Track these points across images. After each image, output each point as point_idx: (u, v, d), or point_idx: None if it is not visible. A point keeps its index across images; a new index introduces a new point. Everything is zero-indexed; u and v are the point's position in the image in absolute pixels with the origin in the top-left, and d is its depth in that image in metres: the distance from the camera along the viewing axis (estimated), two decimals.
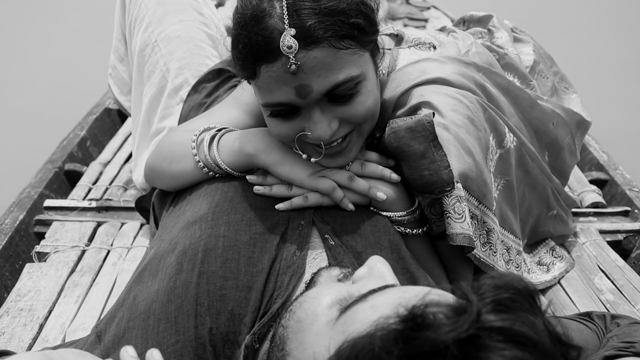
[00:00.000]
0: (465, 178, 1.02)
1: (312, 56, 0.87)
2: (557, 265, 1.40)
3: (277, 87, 0.90)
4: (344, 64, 0.90)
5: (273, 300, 0.88)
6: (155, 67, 1.49)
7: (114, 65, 1.70)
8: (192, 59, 1.50)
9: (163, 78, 1.48)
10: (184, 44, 1.51)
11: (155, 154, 1.21)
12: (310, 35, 0.86)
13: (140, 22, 1.52)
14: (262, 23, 0.88)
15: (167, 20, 1.51)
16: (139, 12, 1.53)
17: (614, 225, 1.63)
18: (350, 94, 0.94)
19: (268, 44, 0.87)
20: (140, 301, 0.91)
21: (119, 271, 1.43)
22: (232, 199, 1.03)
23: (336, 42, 0.88)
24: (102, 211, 1.70)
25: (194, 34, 1.53)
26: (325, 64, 0.88)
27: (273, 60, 0.88)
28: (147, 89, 1.51)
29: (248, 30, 0.89)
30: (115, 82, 1.71)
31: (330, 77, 0.90)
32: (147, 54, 1.50)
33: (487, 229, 1.10)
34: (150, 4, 1.51)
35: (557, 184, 1.34)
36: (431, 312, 0.49)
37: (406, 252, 1.02)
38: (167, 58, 1.48)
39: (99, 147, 2.17)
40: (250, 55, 0.90)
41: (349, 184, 1.02)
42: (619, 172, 1.85)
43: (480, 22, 1.47)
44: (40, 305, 1.30)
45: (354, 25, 0.90)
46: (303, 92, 0.90)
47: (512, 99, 1.22)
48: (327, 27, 0.86)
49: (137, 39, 1.52)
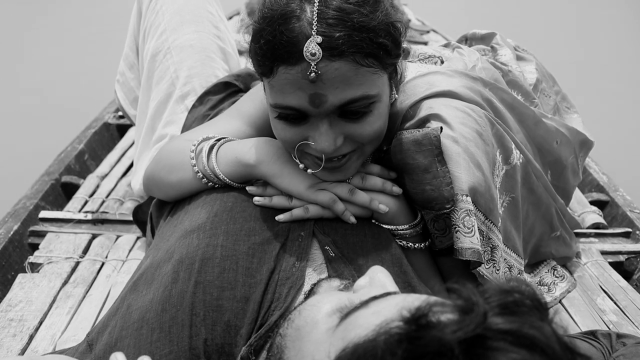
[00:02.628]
0: (475, 192, 1.00)
1: (334, 67, 0.85)
2: (558, 286, 1.38)
3: (292, 91, 0.88)
4: (364, 81, 0.89)
5: (271, 312, 0.86)
6: (166, 73, 1.49)
7: (123, 72, 1.70)
8: (202, 69, 1.50)
9: (172, 84, 1.48)
10: (196, 54, 1.51)
11: (154, 163, 1.20)
12: (336, 46, 0.84)
13: (155, 29, 1.53)
14: (289, 24, 0.85)
15: (182, 29, 1.52)
16: (155, 19, 1.54)
17: (615, 247, 1.62)
18: (362, 112, 0.92)
19: (292, 46, 0.85)
20: (134, 310, 0.89)
21: (113, 283, 1.40)
22: (232, 209, 1.01)
23: (360, 59, 0.86)
24: (98, 224, 1.68)
25: (207, 45, 1.54)
26: (345, 78, 0.87)
27: (294, 63, 0.86)
28: (154, 94, 1.51)
29: (274, 27, 0.86)
30: (121, 88, 1.71)
31: (347, 91, 0.88)
32: (159, 60, 1.50)
33: (491, 245, 1.08)
34: (167, 12, 1.53)
35: (561, 204, 1.32)
36: (436, 312, 0.47)
37: (408, 266, 1.00)
38: (177, 65, 1.48)
39: (97, 160, 2.16)
40: (271, 53, 0.88)
41: (349, 197, 1.00)
42: (620, 194, 1.85)
43: (483, 39, 1.48)
44: (31, 316, 1.27)
45: (381, 45, 0.88)
46: (317, 101, 0.88)
47: (517, 116, 1.21)
48: (355, 42, 0.85)
49: (151, 45, 1.52)
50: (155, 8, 1.54)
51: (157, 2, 1.56)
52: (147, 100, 1.54)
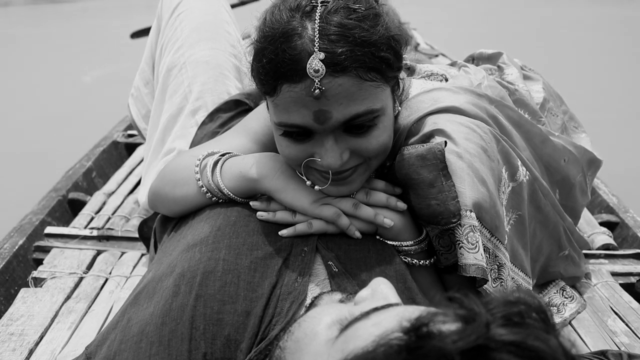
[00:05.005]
0: (479, 208, 0.99)
1: (338, 83, 0.85)
2: (568, 306, 1.35)
3: (296, 109, 0.88)
4: (367, 95, 0.88)
5: (272, 326, 0.85)
6: (179, 87, 1.51)
7: (138, 86, 1.72)
8: (215, 86, 1.51)
9: (184, 99, 1.49)
10: (211, 70, 1.52)
11: (160, 178, 1.20)
12: (339, 62, 0.84)
13: (172, 44, 1.55)
14: (291, 41, 0.86)
15: (199, 46, 1.54)
16: (173, 35, 1.56)
17: (626, 268, 1.59)
18: (367, 126, 0.92)
19: (295, 64, 0.85)
20: (134, 323, 0.88)
21: (116, 299, 1.39)
22: (235, 223, 1.00)
23: (363, 74, 0.86)
24: (103, 240, 1.68)
25: (222, 63, 1.55)
26: (349, 93, 0.86)
27: (297, 81, 0.86)
28: (167, 106, 1.52)
29: (276, 45, 0.87)
30: (135, 102, 1.73)
31: (351, 106, 0.88)
32: (174, 75, 1.52)
33: (498, 263, 1.06)
34: (186, 28, 1.55)
35: (570, 223, 1.30)
36: (437, 322, 0.46)
37: (412, 283, 0.98)
38: (191, 80, 1.50)
39: (104, 178, 2.17)
40: (274, 72, 0.88)
41: (353, 212, 0.99)
42: (630, 215, 1.83)
43: (490, 59, 1.48)
44: (31, 331, 1.26)
45: (383, 59, 0.88)
46: (322, 117, 0.88)
47: (523, 133, 1.20)
48: (357, 57, 0.85)
49: (167, 59, 1.54)
50: (174, 24, 1.56)
51: (176, 18, 1.58)
52: (159, 113, 1.55)
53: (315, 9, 0.86)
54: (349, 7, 0.87)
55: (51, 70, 4.52)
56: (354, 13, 0.86)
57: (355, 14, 0.86)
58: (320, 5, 0.86)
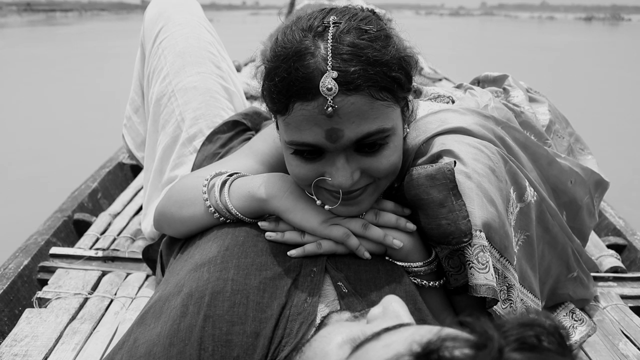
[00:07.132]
0: (489, 228, 0.98)
1: (350, 102, 0.86)
2: (578, 330, 1.33)
3: (308, 127, 0.88)
4: (379, 114, 0.89)
5: (281, 348, 0.84)
6: (171, 116, 1.50)
7: (129, 116, 1.72)
8: (208, 110, 1.51)
9: (178, 127, 1.49)
10: (200, 95, 1.52)
11: (166, 199, 1.19)
12: (352, 81, 0.85)
13: (158, 73, 1.55)
14: (304, 60, 0.86)
15: (185, 72, 1.54)
16: (157, 63, 1.56)
17: (635, 291, 1.57)
18: (378, 145, 0.92)
19: (307, 82, 0.86)
20: (141, 344, 0.87)
21: (121, 320, 1.38)
22: (243, 243, 1.00)
23: (375, 93, 0.87)
24: (108, 261, 1.67)
25: (210, 86, 1.55)
26: (361, 112, 0.87)
27: (310, 99, 0.86)
28: (161, 137, 1.51)
29: (288, 64, 0.87)
30: (129, 132, 1.73)
31: (363, 125, 0.88)
32: (164, 104, 1.52)
33: (508, 284, 1.05)
34: (170, 55, 1.55)
35: (578, 245, 1.29)
36: (447, 347, 0.45)
37: (422, 304, 0.97)
38: (182, 108, 1.50)
39: (110, 199, 2.17)
40: (286, 90, 0.88)
41: (363, 232, 0.99)
42: (637, 238, 1.82)
43: (496, 82, 1.48)
44: (35, 352, 1.24)
45: (394, 79, 0.89)
46: (334, 136, 0.88)
47: (530, 155, 1.20)
48: (369, 76, 0.86)
49: (155, 89, 1.54)
50: (157, 52, 1.56)
51: (159, 46, 1.58)
52: (154, 144, 1.55)
53: (328, 30, 0.87)
54: (361, 28, 0.88)
55: (53, 90, 4.55)
56: (365, 34, 0.87)
57: (367, 34, 0.87)
58: (333, 26, 0.87)
